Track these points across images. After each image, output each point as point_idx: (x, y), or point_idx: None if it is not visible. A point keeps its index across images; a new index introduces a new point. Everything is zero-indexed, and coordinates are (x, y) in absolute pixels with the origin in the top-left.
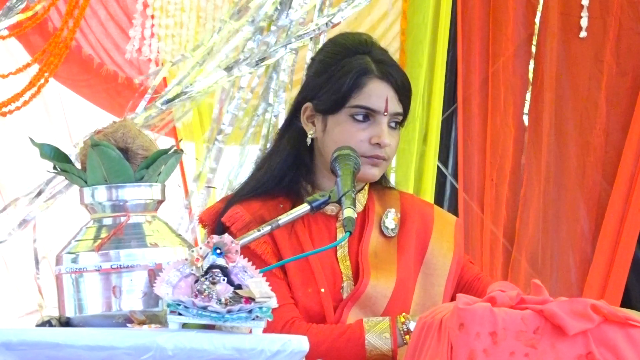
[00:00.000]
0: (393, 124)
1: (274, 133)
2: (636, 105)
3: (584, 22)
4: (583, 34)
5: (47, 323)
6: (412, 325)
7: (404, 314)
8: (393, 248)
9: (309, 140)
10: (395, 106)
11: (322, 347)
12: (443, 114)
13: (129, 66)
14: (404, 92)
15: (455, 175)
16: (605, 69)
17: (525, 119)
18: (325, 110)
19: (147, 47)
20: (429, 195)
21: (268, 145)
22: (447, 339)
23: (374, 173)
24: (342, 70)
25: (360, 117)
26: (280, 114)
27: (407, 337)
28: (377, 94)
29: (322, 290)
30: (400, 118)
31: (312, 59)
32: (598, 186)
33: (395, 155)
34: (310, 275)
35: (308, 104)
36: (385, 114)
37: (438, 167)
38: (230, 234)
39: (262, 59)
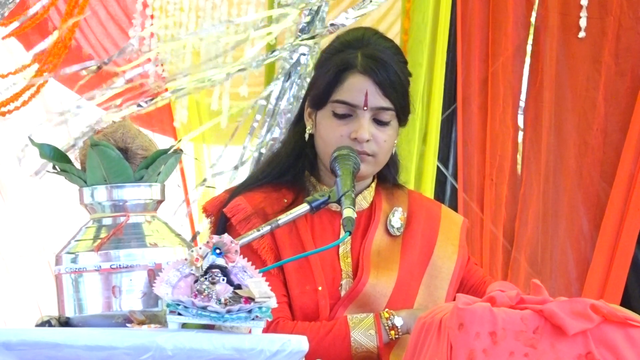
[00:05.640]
0: (381, 119)
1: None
2: (635, 105)
3: (582, 22)
4: (582, 34)
5: (46, 323)
6: (397, 321)
7: (387, 309)
8: (397, 247)
9: (307, 136)
10: (378, 101)
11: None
12: (443, 114)
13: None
14: (389, 86)
15: (455, 175)
16: (604, 69)
17: (525, 119)
18: (314, 106)
19: (147, 47)
20: (428, 195)
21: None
22: (446, 339)
23: (361, 169)
24: (330, 65)
25: (341, 112)
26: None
27: (392, 332)
28: (357, 88)
29: (320, 288)
30: (390, 113)
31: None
32: (597, 186)
33: (391, 151)
34: (309, 273)
35: (308, 100)
36: (365, 108)
37: (438, 167)
38: (231, 225)
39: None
